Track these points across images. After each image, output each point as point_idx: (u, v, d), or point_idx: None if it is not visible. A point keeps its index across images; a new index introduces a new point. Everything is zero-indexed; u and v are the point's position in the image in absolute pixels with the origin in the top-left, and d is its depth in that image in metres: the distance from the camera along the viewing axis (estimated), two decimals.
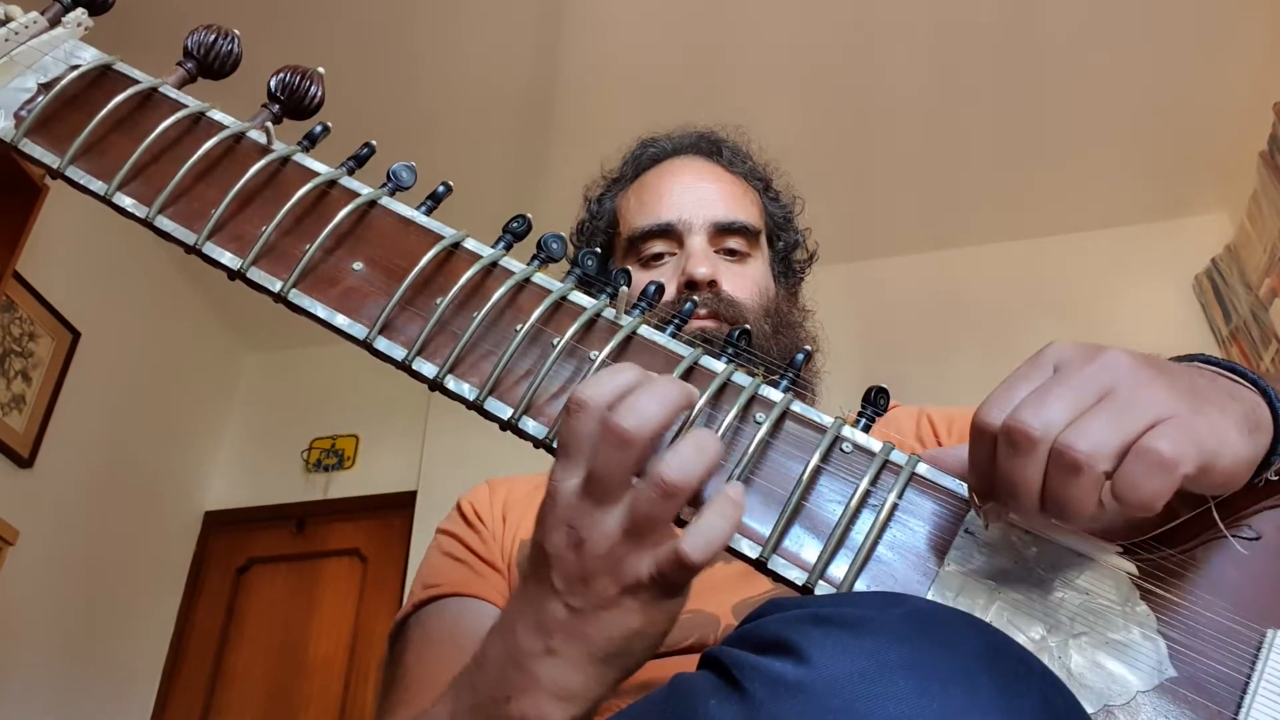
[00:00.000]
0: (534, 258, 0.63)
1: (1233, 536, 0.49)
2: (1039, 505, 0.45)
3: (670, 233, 1.00)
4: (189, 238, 0.63)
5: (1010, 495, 0.45)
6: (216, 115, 0.68)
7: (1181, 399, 0.44)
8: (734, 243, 1.01)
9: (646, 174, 1.08)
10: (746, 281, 0.99)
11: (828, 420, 0.55)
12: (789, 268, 1.10)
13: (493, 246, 0.63)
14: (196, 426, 3.34)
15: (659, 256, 1.00)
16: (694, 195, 1.02)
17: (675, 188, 1.03)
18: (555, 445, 0.54)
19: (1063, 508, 0.44)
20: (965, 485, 0.52)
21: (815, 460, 0.53)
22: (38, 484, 2.59)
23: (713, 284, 0.96)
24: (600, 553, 0.50)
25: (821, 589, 0.50)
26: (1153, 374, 0.45)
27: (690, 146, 1.09)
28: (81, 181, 0.65)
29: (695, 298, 0.65)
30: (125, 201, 0.65)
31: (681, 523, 0.51)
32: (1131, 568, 0.49)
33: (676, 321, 0.60)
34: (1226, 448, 0.44)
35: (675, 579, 0.50)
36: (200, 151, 0.64)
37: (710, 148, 1.09)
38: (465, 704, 0.57)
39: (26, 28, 0.70)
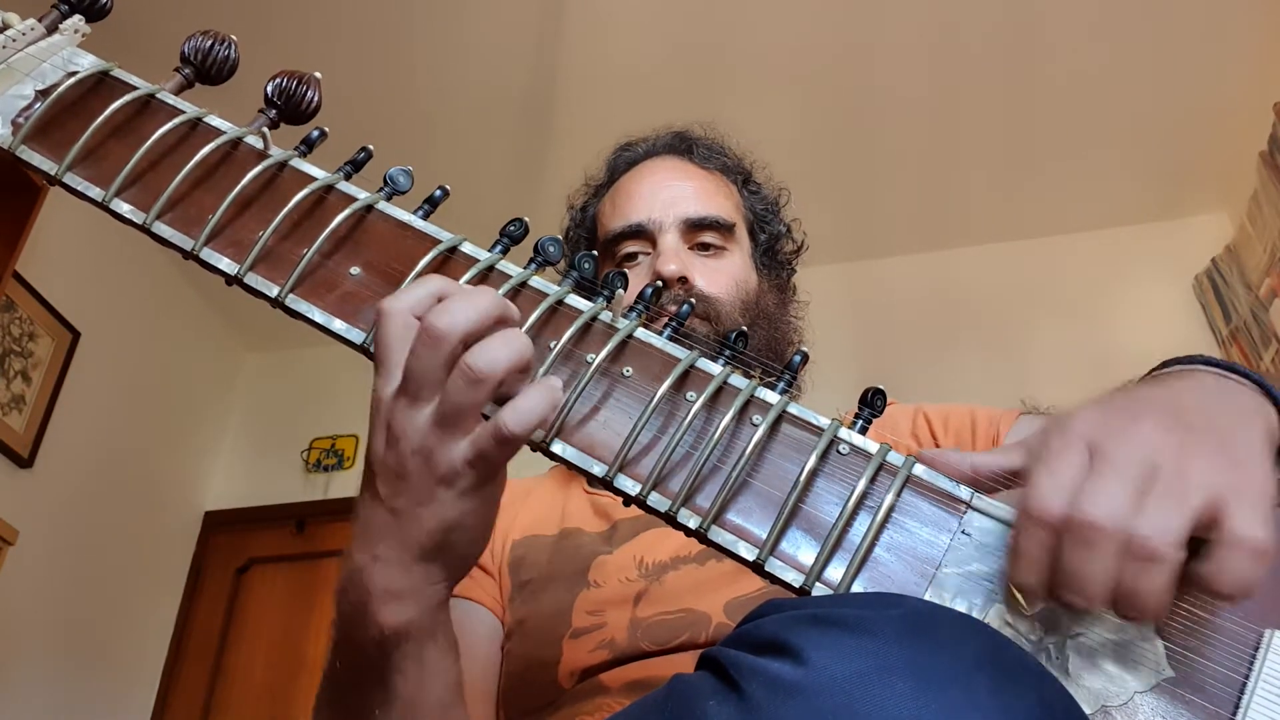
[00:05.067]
0: (531, 261, 0.63)
1: None
2: (1108, 599, 0.44)
3: (642, 233, 1.01)
4: (186, 243, 0.63)
5: (1075, 589, 0.44)
6: (213, 121, 0.69)
7: (1226, 461, 0.44)
8: (708, 237, 1.01)
9: (621, 178, 1.09)
10: (721, 276, 0.99)
11: (824, 422, 0.55)
12: (775, 260, 1.10)
13: (490, 250, 0.63)
14: (196, 426, 3.34)
15: (633, 257, 1.01)
16: (665, 195, 1.02)
17: (646, 189, 1.04)
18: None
19: (1136, 601, 0.43)
20: (961, 486, 0.52)
21: (812, 462, 0.53)
22: (37, 484, 2.59)
23: (683, 280, 0.96)
24: (414, 446, 0.53)
25: (818, 591, 0.50)
26: (1186, 439, 0.45)
27: (664, 147, 1.10)
28: (79, 188, 0.65)
29: (690, 300, 0.65)
30: (123, 208, 0.65)
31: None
32: None
33: (674, 324, 0.60)
34: (1272, 490, 0.44)
35: (493, 457, 0.53)
36: (197, 157, 0.64)
37: (683, 146, 1.10)
38: (334, 639, 0.61)
39: (24, 34, 0.70)
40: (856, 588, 0.50)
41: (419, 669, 0.59)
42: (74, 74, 0.69)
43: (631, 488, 0.54)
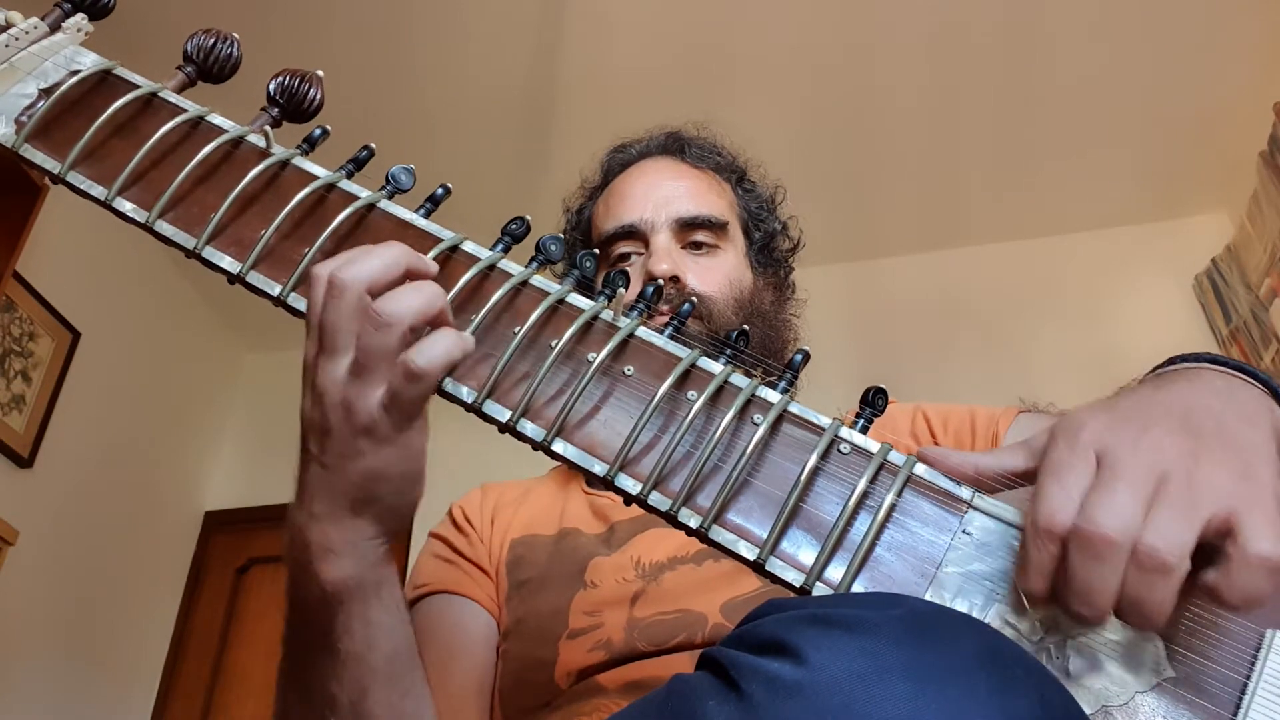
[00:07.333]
0: (532, 259, 0.63)
1: None
2: (1115, 609, 0.44)
3: (635, 233, 1.01)
4: (189, 242, 0.63)
5: (1083, 600, 0.44)
6: (216, 119, 0.69)
7: (1236, 468, 0.44)
8: (701, 236, 1.02)
9: (615, 179, 1.10)
10: (714, 275, 1.00)
11: (825, 421, 0.55)
12: (771, 258, 1.10)
13: (491, 249, 0.63)
14: (196, 426, 3.34)
15: (626, 257, 1.01)
16: (657, 195, 1.03)
17: (639, 189, 1.05)
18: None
19: (1144, 611, 0.43)
20: (962, 485, 0.52)
21: (813, 461, 0.52)
22: (38, 484, 2.59)
23: (675, 279, 0.96)
24: (335, 400, 0.55)
25: (819, 590, 0.50)
26: (1196, 447, 0.45)
27: (657, 148, 1.11)
28: (82, 187, 0.65)
29: (691, 299, 0.65)
30: (125, 206, 0.65)
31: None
32: None
33: (675, 323, 0.60)
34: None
35: (405, 396, 0.55)
36: (199, 156, 0.64)
37: (676, 146, 1.11)
38: (287, 604, 0.64)
39: (27, 33, 0.70)
40: (857, 587, 0.50)
41: (365, 628, 0.61)
42: (76, 72, 0.69)
43: (632, 487, 0.54)
